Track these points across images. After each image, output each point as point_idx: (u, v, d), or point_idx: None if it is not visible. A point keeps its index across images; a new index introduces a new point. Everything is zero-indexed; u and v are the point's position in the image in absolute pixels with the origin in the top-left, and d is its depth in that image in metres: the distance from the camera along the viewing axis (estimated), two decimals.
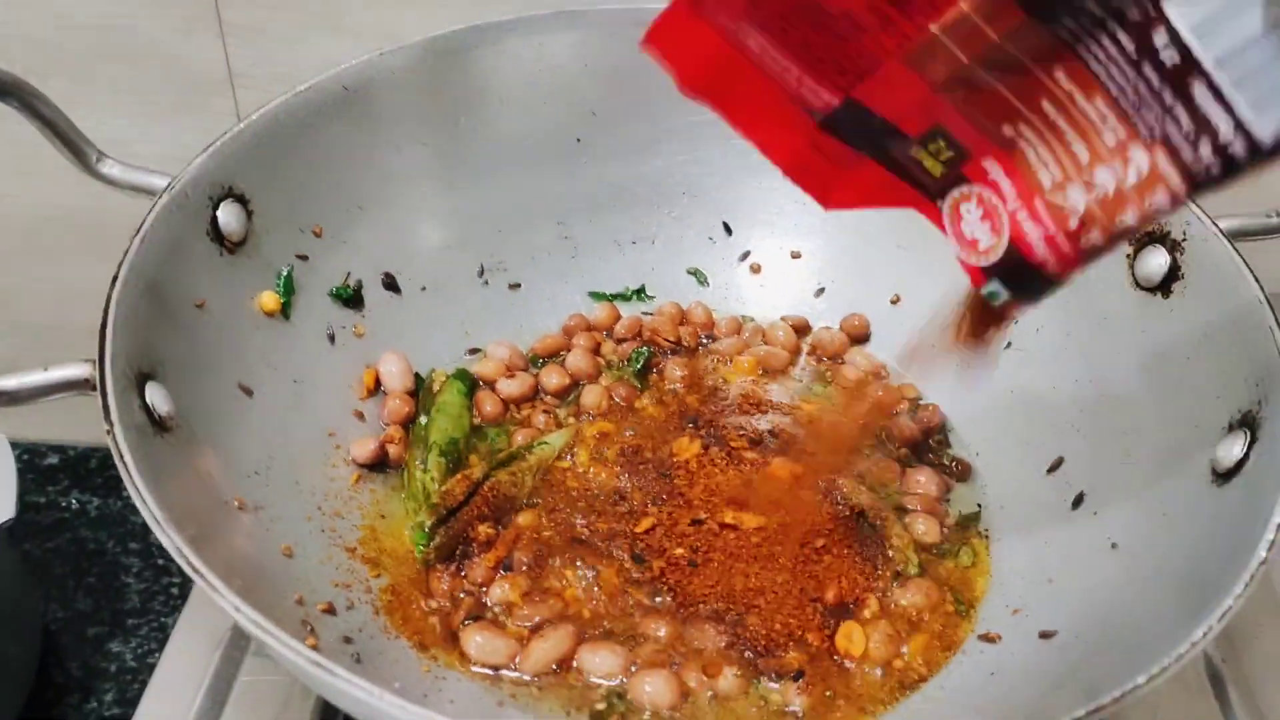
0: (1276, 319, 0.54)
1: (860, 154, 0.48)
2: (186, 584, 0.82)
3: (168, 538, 0.43)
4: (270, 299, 0.62)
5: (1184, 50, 0.39)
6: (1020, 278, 0.46)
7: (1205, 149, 0.39)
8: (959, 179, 0.47)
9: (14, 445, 0.67)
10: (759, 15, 0.45)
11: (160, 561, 0.84)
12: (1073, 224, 0.43)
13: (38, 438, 0.91)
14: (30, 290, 0.86)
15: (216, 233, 0.59)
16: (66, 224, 0.83)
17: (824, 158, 0.49)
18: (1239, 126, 0.38)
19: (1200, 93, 0.39)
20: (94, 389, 0.48)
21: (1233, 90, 0.38)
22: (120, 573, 0.83)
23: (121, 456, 0.45)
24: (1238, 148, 0.39)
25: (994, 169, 0.46)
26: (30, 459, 0.89)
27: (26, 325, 0.88)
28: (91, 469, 0.90)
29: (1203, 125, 0.39)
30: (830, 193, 0.50)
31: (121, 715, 0.73)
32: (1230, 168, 0.39)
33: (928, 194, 0.48)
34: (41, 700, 0.74)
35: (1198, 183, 0.40)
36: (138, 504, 0.44)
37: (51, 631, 0.78)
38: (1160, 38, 0.39)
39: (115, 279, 0.52)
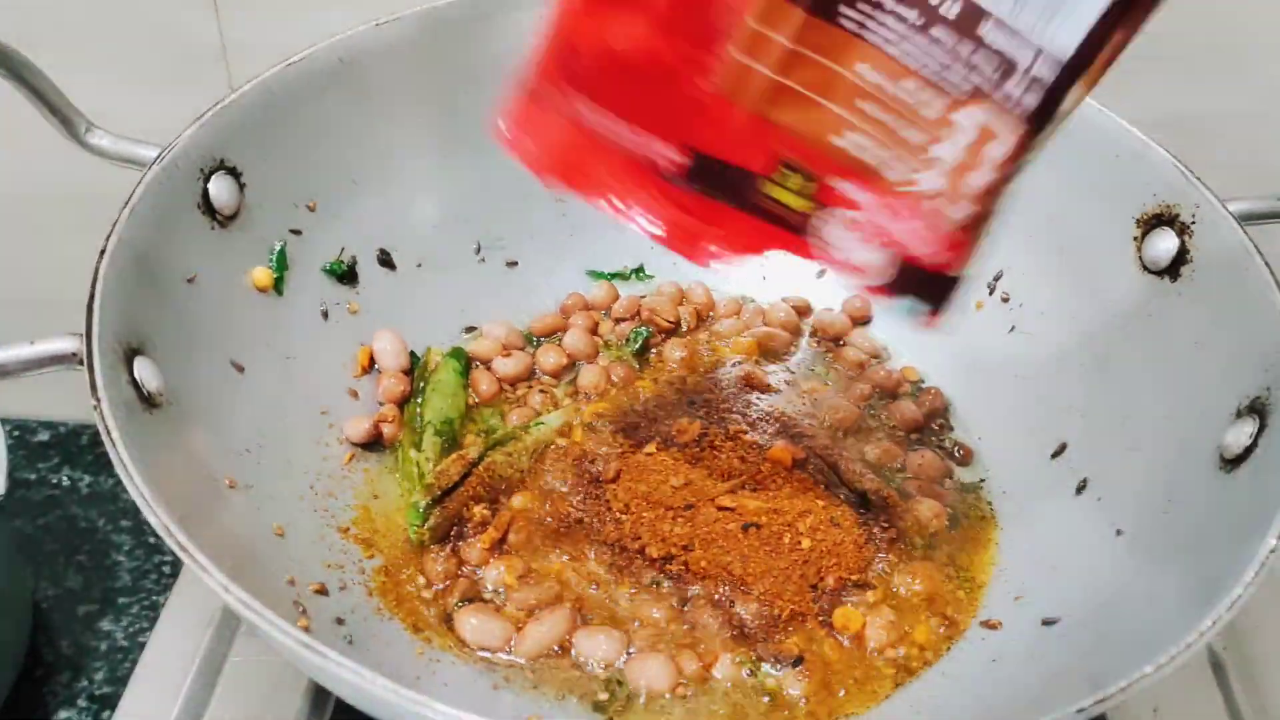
0: None
1: (726, 205, 0.48)
2: (178, 563, 0.81)
3: (155, 516, 0.42)
4: (263, 274, 0.61)
5: None
6: (923, 283, 0.47)
7: (1013, 85, 0.40)
8: (819, 208, 0.47)
9: (4, 422, 0.66)
10: (585, 89, 0.45)
11: (151, 540, 0.83)
12: (943, 212, 0.44)
13: (28, 414, 0.90)
14: (18, 265, 0.85)
15: (208, 205, 0.58)
16: (54, 198, 0.81)
17: (693, 217, 0.49)
18: (1038, 52, 0.39)
19: (990, 32, 0.39)
20: (81, 363, 0.47)
21: (1015, 16, 0.38)
22: (111, 551, 0.82)
23: (109, 432, 0.44)
24: (1043, 70, 0.39)
25: (844, 186, 0.46)
26: (21, 435, 0.88)
27: (14, 301, 0.86)
28: (82, 446, 0.89)
29: (1002, 63, 0.39)
30: (705, 252, 0.50)
31: (112, 694, 0.73)
32: (1046, 94, 0.39)
33: (797, 232, 0.48)
34: (32, 678, 0.73)
35: (1032, 121, 0.40)
36: (125, 481, 0.43)
37: (42, 609, 0.78)
38: None
39: (103, 251, 0.51)
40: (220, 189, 0.58)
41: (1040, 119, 0.41)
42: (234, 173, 0.59)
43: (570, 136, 0.46)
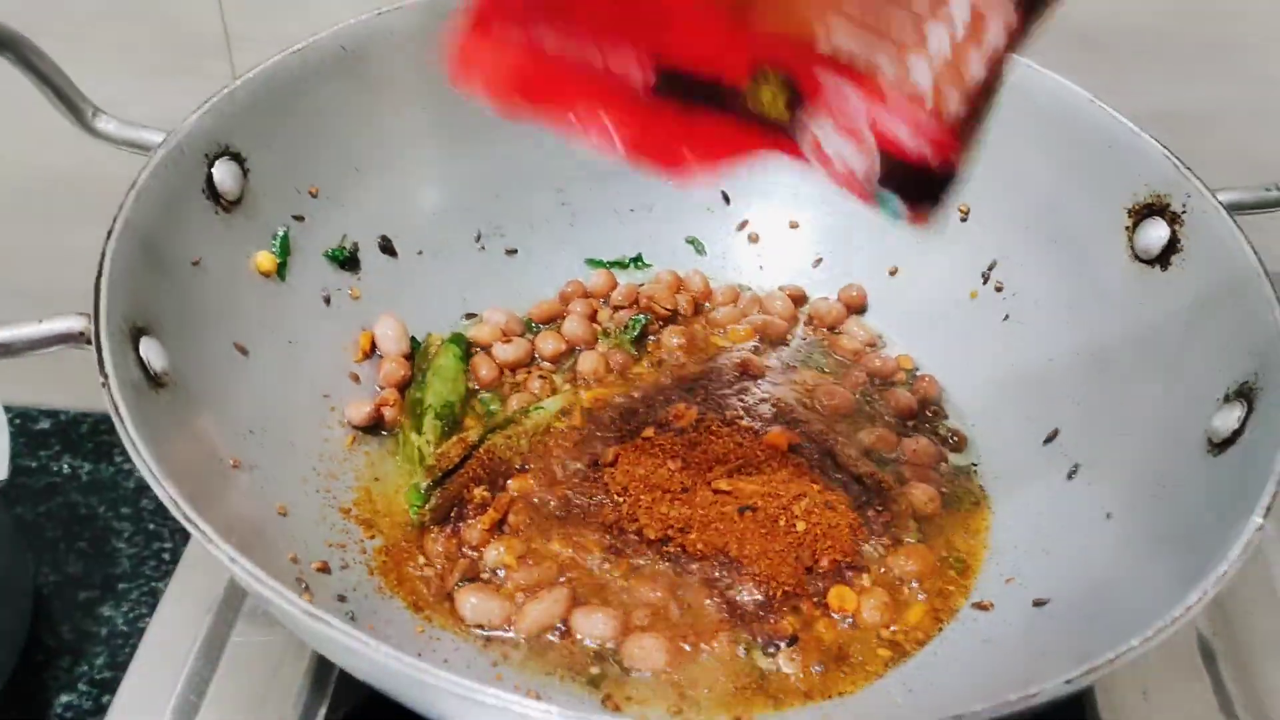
0: (1275, 292, 0.54)
1: (702, 111, 0.45)
2: (177, 549, 0.82)
3: (164, 490, 0.43)
4: (266, 259, 0.61)
5: None
6: (908, 181, 0.44)
7: None
8: (803, 108, 0.44)
9: (5, 409, 0.66)
10: (539, 12, 0.43)
11: (151, 526, 0.84)
12: (930, 102, 0.41)
13: (29, 402, 0.90)
14: (23, 251, 0.86)
15: (212, 190, 0.58)
16: (60, 185, 0.82)
17: (667, 123, 0.45)
18: None
19: None
20: (89, 342, 0.48)
21: None
22: (111, 537, 0.82)
23: (117, 409, 0.45)
24: None
25: (831, 83, 0.43)
26: (22, 423, 0.88)
27: (19, 287, 0.87)
28: (83, 434, 0.89)
29: None
30: (682, 159, 0.47)
31: (112, 678, 0.73)
32: None
33: (784, 133, 0.46)
34: (32, 663, 0.74)
35: (1018, 4, 0.38)
36: (133, 457, 0.44)
37: (43, 595, 0.78)
38: None
39: (110, 233, 0.51)
40: (224, 174, 0.59)
41: (1030, 5, 0.38)
42: (238, 158, 0.60)
43: (526, 59, 0.44)
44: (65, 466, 0.87)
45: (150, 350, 0.51)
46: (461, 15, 0.43)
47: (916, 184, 0.43)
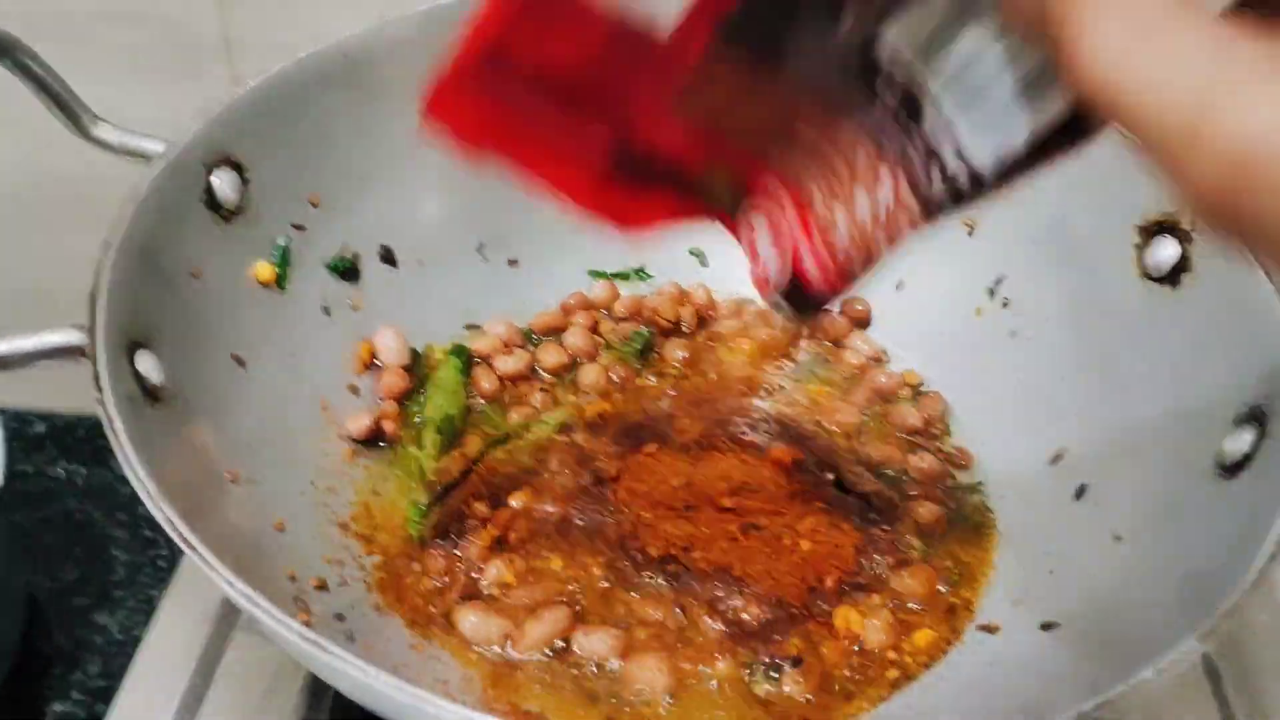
0: None
1: (653, 183, 0.48)
2: (174, 557, 0.81)
3: (159, 510, 0.42)
4: (266, 269, 0.61)
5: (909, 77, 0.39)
6: (798, 300, 0.49)
7: (936, 178, 0.40)
8: (747, 206, 0.49)
9: (1, 413, 0.66)
10: (517, 77, 0.45)
11: (148, 534, 0.83)
12: (840, 255, 0.46)
13: (25, 405, 0.90)
14: (15, 257, 0.85)
15: (212, 200, 0.58)
16: (54, 190, 0.81)
17: (618, 190, 0.49)
18: (960, 155, 0.38)
19: (931, 119, 0.39)
20: (85, 356, 0.47)
21: (956, 114, 0.38)
22: (108, 544, 0.82)
23: (112, 425, 0.45)
24: (962, 179, 0.39)
25: (774, 200, 0.47)
26: (17, 427, 0.88)
27: (10, 293, 0.87)
28: (79, 438, 0.89)
29: (932, 154, 0.39)
30: (629, 219, 0.50)
31: (107, 687, 0.73)
32: (957, 198, 0.40)
33: (727, 217, 0.50)
34: (27, 670, 0.73)
35: (931, 212, 0.41)
36: (128, 475, 0.43)
37: (37, 602, 0.78)
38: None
39: (107, 244, 0.51)
40: (225, 184, 0.58)
41: (939, 212, 0.41)
42: (238, 168, 0.59)
43: (497, 115, 0.46)
44: (61, 471, 0.87)
45: (147, 364, 0.50)
46: (440, 65, 0.45)
47: (803, 300, 0.49)
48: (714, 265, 0.73)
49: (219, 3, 0.74)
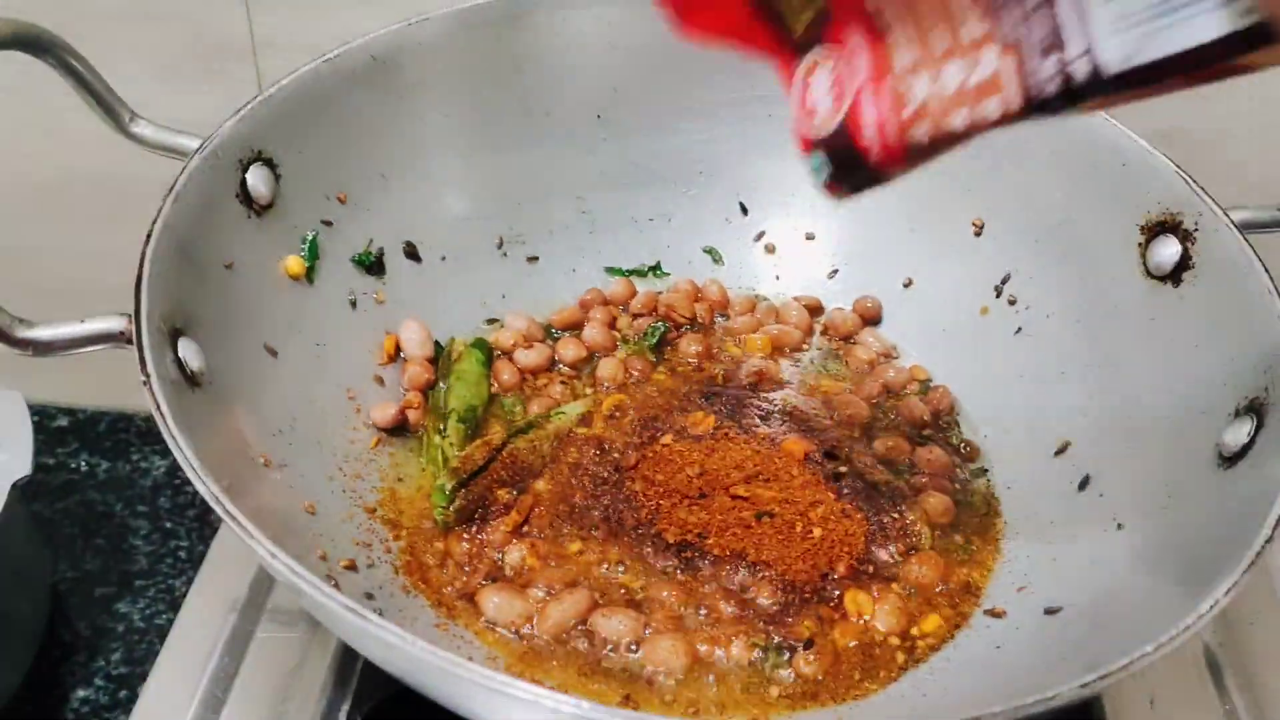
0: None
1: None
2: (194, 547, 0.83)
3: (205, 486, 0.44)
4: (295, 263, 0.62)
5: None
6: (844, 158, 0.45)
7: (1050, 63, 0.37)
8: (818, 40, 0.45)
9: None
10: None
11: (168, 524, 0.84)
12: (906, 113, 0.42)
13: (47, 398, 0.91)
14: (49, 251, 0.86)
15: (245, 195, 0.59)
16: (87, 186, 0.83)
17: None
18: (1088, 49, 0.36)
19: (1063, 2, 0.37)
20: (129, 342, 0.49)
21: (1099, 3, 0.36)
22: (128, 535, 0.83)
23: (159, 407, 0.46)
24: (1080, 69, 0.37)
25: (856, 39, 0.44)
26: (40, 420, 0.89)
27: (44, 287, 0.87)
28: (100, 432, 0.90)
29: (1055, 37, 0.37)
30: (689, 14, 0.48)
31: (129, 674, 0.74)
32: (1068, 93, 0.37)
33: (788, 46, 0.47)
34: (50, 658, 0.74)
35: (1032, 102, 0.39)
36: (175, 452, 0.45)
37: (60, 591, 0.79)
38: None
39: (149, 235, 0.52)
40: (258, 179, 0.60)
41: (1041, 109, 0.39)
42: (270, 164, 0.61)
43: None
44: (83, 464, 0.88)
45: (187, 350, 0.52)
46: None
47: (850, 166, 0.45)
48: (728, 263, 0.75)
49: (245, 3, 0.76)
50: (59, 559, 0.80)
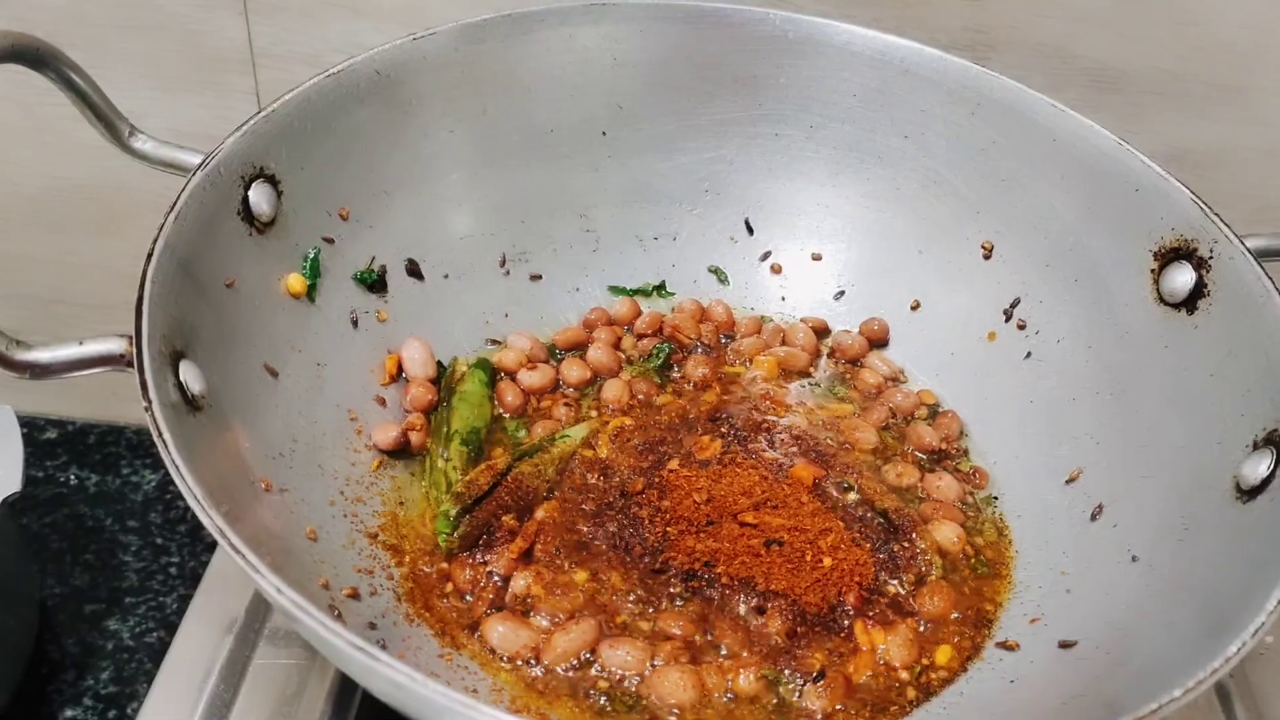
0: None
1: None
2: (184, 563, 0.82)
3: (208, 517, 0.43)
4: (297, 281, 0.61)
5: None
6: None
7: None
8: None
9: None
10: None
11: (159, 540, 0.83)
12: None
13: (36, 411, 0.90)
14: (37, 261, 0.85)
15: (247, 212, 0.58)
16: (77, 197, 0.82)
17: None
18: None
19: None
20: (130, 365, 0.48)
21: None
22: (118, 550, 0.82)
23: (160, 434, 0.45)
24: None
25: None
26: (29, 433, 0.88)
27: (31, 297, 0.87)
28: (90, 445, 0.89)
29: None
30: None
31: (118, 693, 0.73)
32: None
33: None
34: (38, 676, 0.73)
35: None
36: (178, 482, 0.44)
37: (48, 607, 0.78)
38: None
39: (150, 254, 0.51)
40: (260, 196, 0.59)
41: None
42: (273, 180, 0.60)
43: None
44: (72, 477, 0.87)
45: (189, 374, 0.51)
46: None
47: None
48: (733, 283, 0.74)
49: (244, 14, 0.75)
50: (47, 574, 0.79)
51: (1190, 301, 0.60)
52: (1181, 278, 0.60)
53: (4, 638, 0.70)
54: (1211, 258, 0.59)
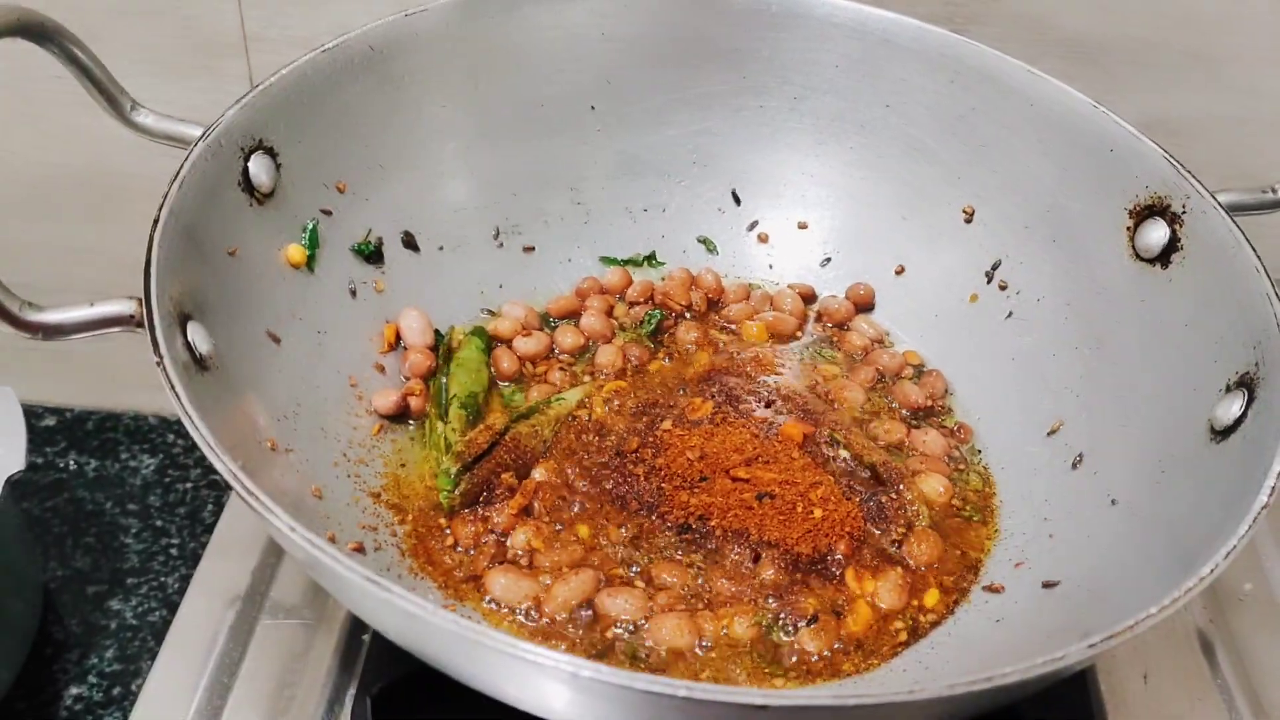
0: (1273, 285, 0.56)
1: None
2: (185, 544, 0.82)
3: (222, 463, 0.44)
4: (296, 251, 0.62)
5: None
6: None
7: None
8: None
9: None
10: None
11: (159, 523, 0.84)
12: None
13: (35, 398, 0.91)
14: (32, 245, 0.86)
15: (247, 183, 0.60)
16: (72, 181, 0.83)
17: None
18: None
19: None
20: (139, 325, 0.49)
21: None
22: (119, 533, 0.83)
23: (173, 387, 0.46)
24: None
25: None
26: (28, 420, 0.88)
27: (27, 284, 0.87)
28: (89, 430, 0.90)
29: None
30: None
31: (122, 671, 0.74)
32: None
33: None
34: (42, 656, 0.74)
35: None
36: (191, 431, 0.45)
37: (51, 590, 0.78)
38: None
39: (156, 220, 0.52)
40: (259, 168, 0.60)
41: None
42: (271, 153, 0.61)
43: None
44: (71, 463, 0.88)
45: (196, 334, 0.52)
46: None
47: None
48: (722, 252, 0.76)
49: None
50: (49, 557, 0.80)
51: (1165, 256, 0.62)
52: (1156, 233, 0.62)
53: (9, 618, 0.70)
54: (1184, 213, 0.61)
